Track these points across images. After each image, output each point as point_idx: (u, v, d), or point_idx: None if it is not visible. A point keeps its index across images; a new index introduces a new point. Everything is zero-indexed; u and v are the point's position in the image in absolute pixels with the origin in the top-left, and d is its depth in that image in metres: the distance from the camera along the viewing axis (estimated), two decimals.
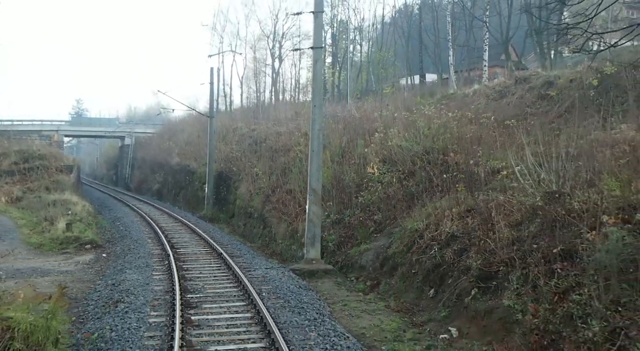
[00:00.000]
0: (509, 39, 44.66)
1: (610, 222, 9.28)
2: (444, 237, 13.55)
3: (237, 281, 13.89)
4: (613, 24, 29.13)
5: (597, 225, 9.52)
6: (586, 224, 9.87)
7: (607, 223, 9.34)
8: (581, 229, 9.87)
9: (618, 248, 8.90)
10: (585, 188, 10.95)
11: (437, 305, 12.27)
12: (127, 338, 9.52)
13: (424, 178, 17.56)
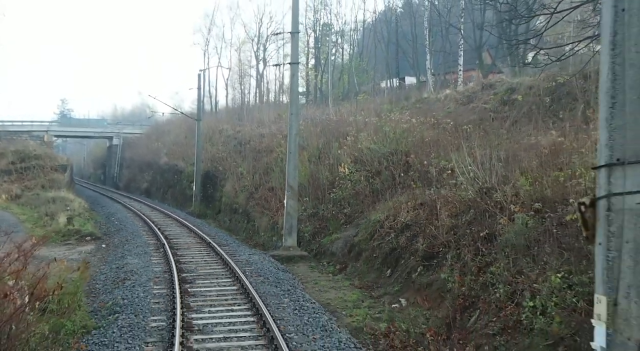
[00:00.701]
0: (482, 45, 47.35)
1: (517, 210, 11.84)
2: (399, 226, 16.07)
3: (225, 264, 16.33)
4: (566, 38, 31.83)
5: (508, 213, 12.08)
6: (503, 213, 12.43)
7: (515, 211, 11.90)
8: (499, 217, 12.42)
9: (523, 231, 11.45)
10: (507, 184, 13.51)
11: (392, 282, 14.79)
12: (137, 303, 11.92)
13: (388, 176, 20.07)
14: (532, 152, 14.85)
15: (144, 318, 10.75)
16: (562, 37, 29.91)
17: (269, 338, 9.42)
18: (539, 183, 12.47)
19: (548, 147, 15.23)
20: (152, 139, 54.88)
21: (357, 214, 19.69)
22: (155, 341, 9.56)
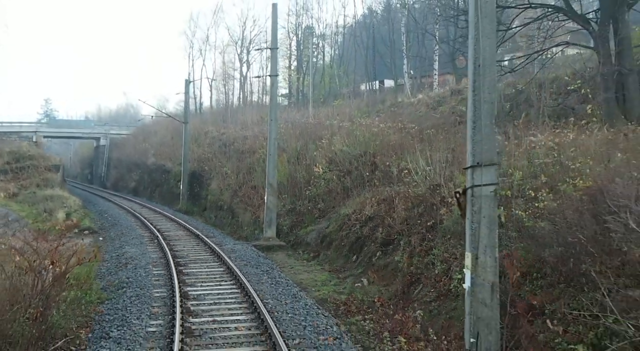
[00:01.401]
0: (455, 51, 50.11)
1: (453, 203, 14.44)
2: (364, 218, 18.64)
3: (212, 251, 18.79)
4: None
5: (448, 205, 14.69)
6: (445, 205, 15.03)
7: (453, 204, 14.49)
8: (442, 209, 15.02)
9: (457, 219, 14.03)
10: (451, 182, 16.12)
11: (356, 265, 17.35)
12: (140, 281, 14.35)
13: (357, 176, 22.62)
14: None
15: (148, 291, 13.20)
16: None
17: (250, 302, 11.92)
18: None
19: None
20: (140, 140, 56.92)
21: (330, 209, 22.23)
22: (159, 305, 12.01)
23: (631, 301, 7.78)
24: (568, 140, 15.68)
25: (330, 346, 9.44)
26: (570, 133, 16.34)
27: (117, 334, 10.05)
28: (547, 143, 15.95)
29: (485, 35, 7.37)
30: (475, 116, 7.47)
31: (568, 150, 14.27)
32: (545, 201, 11.45)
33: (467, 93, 7.69)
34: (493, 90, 7.54)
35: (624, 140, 14.29)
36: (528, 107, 26.51)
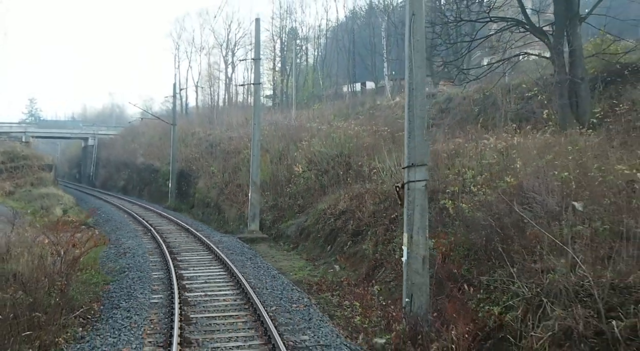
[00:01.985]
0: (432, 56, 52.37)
1: None
2: (337, 212, 20.83)
3: (202, 242, 20.91)
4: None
5: None
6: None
7: None
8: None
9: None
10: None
11: (330, 254, 19.52)
12: (140, 266, 16.44)
13: (333, 175, 24.82)
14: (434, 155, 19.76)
15: (147, 273, 15.31)
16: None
17: (235, 281, 14.09)
18: (431, 178, 17.33)
19: (448, 151, 20.16)
20: (128, 140, 58.73)
21: (308, 205, 24.41)
22: (158, 284, 14.13)
23: (532, 271, 10.04)
24: (514, 142, 18.02)
25: (301, 311, 11.64)
26: (516, 137, 18.72)
27: (125, 305, 12.16)
28: (496, 145, 18.32)
29: (417, 66, 9.61)
30: (410, 128, 9.69)
31: (511, 152, 16.59)
32: (483, 195, 13.73)
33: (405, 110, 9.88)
34: (424, 108, 9.77)
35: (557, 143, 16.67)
36: (495, 110, 28.90)
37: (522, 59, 28.60)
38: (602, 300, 8.38)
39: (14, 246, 12.56)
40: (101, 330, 10.52)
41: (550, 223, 10.59)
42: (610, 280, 8.68)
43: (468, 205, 13.87)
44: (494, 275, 10.69)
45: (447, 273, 10.86)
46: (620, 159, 13.52)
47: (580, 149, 15.54)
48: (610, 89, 23.52)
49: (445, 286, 10.64)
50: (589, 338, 8.20)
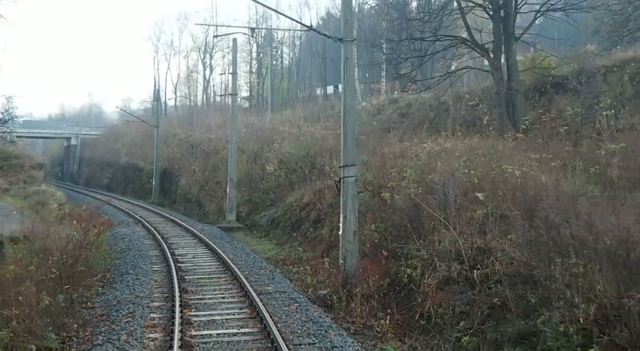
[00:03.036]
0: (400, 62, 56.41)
1: (361, 191, 20.59)
2: (302, 204, 24.71)
3: (187, 230, 24.65)
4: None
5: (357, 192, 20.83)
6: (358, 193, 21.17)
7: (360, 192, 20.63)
8: None
9: (364, 202, 20.21)
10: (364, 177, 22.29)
11: (295, 239, 23.39)
12: (138, 247, 20.14)
13: (300, 173, 28.66)
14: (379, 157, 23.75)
15: (145, 252, 19.05)
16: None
17: (217, 256, 17.90)
18: (378, 176, 21.32)
19: (394, 153, 24.13)
20: (111, 140, 61.87)
21: (278, 199, 28.24)
22: (156, 259, 17.88)
23: (431, 241, 14.00)
24: (446, 146, 22.01)
25: (267, 274, 15.51)
26: (448, 142, 22.76)
27: (133, 272, 15.88)
28: (432, 148, 22.33)
29: (349, 95, 13.52)
30: (344, 139, 13.60)
31: (441, 154, 20.60)
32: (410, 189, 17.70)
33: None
34: (354, 124, 13.67)
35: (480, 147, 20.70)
36: (447, 116, 33.06)
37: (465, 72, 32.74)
38: (469, 258, 12.40)
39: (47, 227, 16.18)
40: (118, 287, 14.26)
41: (447, 208, 14.60)
42: (477, 245, 12.71)
43: (400, 196, 17.82)
44: (407, 246, 14.68)
45: (375, 244, 14.81)
46: (518, 160, 17.59)
47: (496, 152, 19.67)
48: (543, 99, 27.78)
49: (373, 253, 14.60)
50: (459, 282, 12.19)
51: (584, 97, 26.00)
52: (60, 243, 15.02)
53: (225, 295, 13.10)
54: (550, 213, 11.01)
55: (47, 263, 13.25)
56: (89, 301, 13.17)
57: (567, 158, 16.97)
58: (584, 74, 26.99)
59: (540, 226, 11.12)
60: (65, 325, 11.16)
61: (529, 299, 10.51)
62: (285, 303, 12.35)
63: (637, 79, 25.04)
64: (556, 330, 9.38)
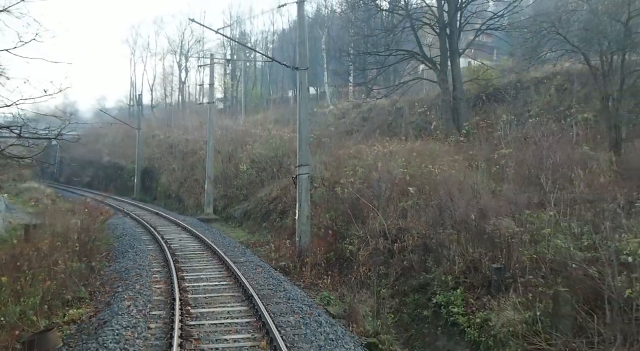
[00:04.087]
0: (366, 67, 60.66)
1: (318, 186, 24.76)
2: (271, 199, 28.79)
3: (171, 221, 28.54)
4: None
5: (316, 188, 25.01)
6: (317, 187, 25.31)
7: (317, 187, 24.80)
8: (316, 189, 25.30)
9: (321, 195, 24.37)
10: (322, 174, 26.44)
11: (264, 228, 27.47)
12: (131, 233, 23.99)
13: (270, 171, 32.72)
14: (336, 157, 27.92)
15: (139, 237, 22.93)
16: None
17: (199, 239, 21.88)
18: (334, 173, 25.48)
19: (349, 154, 28.31)
20: (91, 140, 64.85)
21: (250, 194, 32.26)
22: (149, 242, 21.78)
23: (367, 224, 18.19)
24: (391, 149, 26.20)
25: (240, 252, 19.57)
26: (392, 145, 26.97)
27: (132, 251, 19.77)
28: (380, 150, 26.49)
29: (302, 110, 17.64)
30: (299, 144, 17.71)
31: (387, 155, 24.78)
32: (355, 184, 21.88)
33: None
34: (307, 133, 17.79)
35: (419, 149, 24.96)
36: (403, 121, 37.42)
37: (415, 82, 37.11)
38: (391, 235, 16.63)
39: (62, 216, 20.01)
40: (122, 261, 18.18)
41: (379, 199, 18.82)
42: (399, 226, 16.95)
43: (347, 190, 21.99)
44: (350, 228, 18.88)
45: (326, 227, 18.98)
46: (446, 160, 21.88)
47: (432, 153, 23.95)
48: (485, 106, 32.24)
49: (325, 234, 18.78)
50: (383, 253, 16.41)
51: (515, 106, 30.51)
52: (75, 227, 18.91)
53: (207, 263, 17.13)
54: (443, 200, 15.34)
55: (67, 242, 17.16)
56: (102, 270, 17.09)
57: (478, 158, 21.36)
58: (520, 85, 31.47)
59: (436, 209, 15.45)
60: (89, 283, 15.11)
61: (427, 262, 14.79)
62: (253, 268, 16.42)
63: (561, 89, 29.64)
64: (440, 279, 13.67)
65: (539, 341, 10.07)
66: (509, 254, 12.34)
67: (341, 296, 14.41)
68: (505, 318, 11.04)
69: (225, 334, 10.12)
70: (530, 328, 10.48)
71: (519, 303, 11.10)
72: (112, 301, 12.66)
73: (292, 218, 25.03)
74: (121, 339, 9.58)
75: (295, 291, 14.04)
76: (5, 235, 20.06)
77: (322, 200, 23.31)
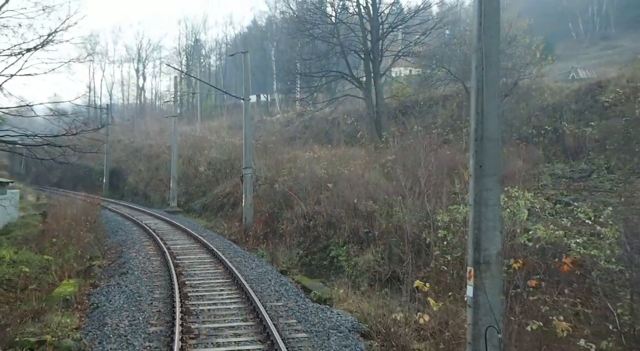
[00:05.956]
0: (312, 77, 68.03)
1: (262, 183, 32.12)
2: (224, 194, 36.01)
3: (143, 212, 35.43)
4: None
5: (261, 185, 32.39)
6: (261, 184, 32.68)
7: (261, 184, 32.13)
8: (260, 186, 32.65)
9: (265, 190, 31.72)
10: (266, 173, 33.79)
11: (219, 217, 34.65)
12: (114, 220, 30.83)
13: (223, 172, 39.87)
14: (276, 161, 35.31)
15: (122, 222, 29.83)
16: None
17: (171, 223, 28.97)
18: (274, 174, 32.85)
19: (287, 158, 35.72)
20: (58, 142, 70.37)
21: (208, 191, 39.38)
22: (131, 225, 28.68)
23: (295, 210, 25.65)
24: (319, 154, 33.72)
25: (202, 230, 26.73)
26: (320, 151, 34.50)
27: (121, 231, 26.66)
28: (311, 155, 33.96)
29: (246, 130, 24.98)
30: (245, 151, 25.06)
31: (315, 159, 32.28)
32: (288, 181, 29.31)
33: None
34: (250, 143, 25.09)
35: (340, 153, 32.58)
36: (337, 130, 45.08)
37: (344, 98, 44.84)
38: (309, 216, 24.17)
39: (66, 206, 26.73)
40: (116, 237, 25.08)
41: (303, 192, 26.32)
42: (315, 210, 24.49)
43: (282, 186, 29.41)
44: (282, 213, 26.31)
45: (265, 213, 26.41)
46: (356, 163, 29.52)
47: (349, 157, 31.55)
48: (403, 118, 40.13)
49: (264, 218, 26.19)
50: (302, 228, 23.94)
51: (425, 118, 38.49)
52: (80, 212, 25.78)
53: (181, 236, 24.36)
54: (340, 190, 22.98)
55: (79, 222, 24.06)
56: (104, 241, 24.09)
57: (377, 161, 29.11)
58: (432, 101, 39.48)
59: (337, 198, 23.10)
60: (99, 249, 22.12)
61: (329, 232, 22.37)
62: (212, 238, 23.73)
63: (461, 105, 37.70)
64: (335, 242, 21.23)
65: (379, 269, 17.75)
66: (372, 223, 20.02)
67: (272, 253, 21.85)
68: (366, 259, 18.70)
69: (198, 265, 17.45)
70: (376, 262, 18.15)
71: (375, 251, 18.77)
72: (122, 255, 19.77)
73: (241, 208, 32.29)
74: (139, 266, 16.81)
75: (242, 250, 21.43)
76: (25, 220, 26.71)
77: (264, 194, 30.59)
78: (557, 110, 33.28)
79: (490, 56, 7.58)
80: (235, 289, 14.11)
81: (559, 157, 28.93)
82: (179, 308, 11.53)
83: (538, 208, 18.19)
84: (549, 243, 14.67)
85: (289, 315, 11.86)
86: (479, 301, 7.64)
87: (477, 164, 7.72)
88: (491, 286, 7.63)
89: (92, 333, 10.59)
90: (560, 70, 54.05)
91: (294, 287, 15.05)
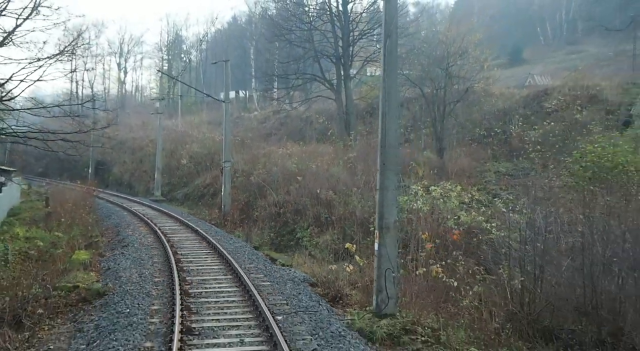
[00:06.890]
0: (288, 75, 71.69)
1: (239, 176, 35.90)
2: (205, 185, 39.70)
3: (130, 200, 38.98)
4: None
5: (239, 176, 36.19)
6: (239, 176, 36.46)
7: (238, 176, 35.91)
8: (238, 178, 36.44)
9: (241, 182, 35.51)
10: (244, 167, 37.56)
11: (200, 206, 38.36)
12: (105, 206, 34.37)
13: (203, 165, 43.51)
14: (252, 155, 39.07)
15: (113, 208, 33.40)
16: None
17: (158, 210, 32.61)
18: (250, 167, 36.65)
19: (262, 153, 39.51)
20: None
21: (189, 182, 43.02)
22: (123, 211, 32.27)
23: (268, 198, 29.53)
24: (292, 150, 37.59)
25: (186, 216, 30.44)
26: (293, 147, 38.38)
27: (115, 215, 30.22)
28: (284, 151, 37.80)
29: (227, 125, 28.75)
30: (224, 147, 28.85)
31: (287, 155, 36.15)
32: (263, 174, 33.16)
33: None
34: (229, 140, 28.84)
35: (311, 150, 36.50)
36: (310, 128, 48.96)
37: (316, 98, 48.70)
38: (279, 204, 28.10)
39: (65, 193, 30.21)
40: (110, 220, 28.67)
41: (275, 184, 30.17)
42: (285, 199, 28.41)
43: (257, 178, 33.24)
44: (256, 201, 30.15)
45: (242, 201, 30.25)
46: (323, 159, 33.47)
47: (318, 153, 35.45)
48: (371, 118, 44.09)
49: (241, 205, 30.02)
50: (273, 214, 27.88)
51: None
52: (79, 198, 29.33)
53: (168, 219, 28.07)
54: (307, 182, 26.94)
55: (79, 206, 27.63)
56: (101, 223, 27.69)
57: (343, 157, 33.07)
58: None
59: (304, 188, 27.04)
60: (98, 229, 25.74)
61: (296, 217, 26.28)
62: (196, 222, 27.51)
63: (423, 108, 41.71)
64: (300, 225, 25.14)
65: (334, 246, 21.73)
66: (332, 210, 23.98)
67: (247, 234, 25.71)
68: (324, 239, 22.67)
69: (186, 241, 21.25)
70: (332, 241, 22.12)
71: (332, 232, 22.75)
72: (119, 234, 23.45)
73: (220, 197, 36.01)
74: (137, 241, 20.57)
75: (221, 231, 25.27)
76: (28, 205, 30.15)
77: (241, 185, 34.39)
78: (507, 114, 37.75)
79: (391, 92, 11.58)
80: (217, 257, 17.95)
81: (506, 156, 33.29)
82: (175, 266, 15.35)
83: (467, 200, 22.34)
84: (472, 226, 18.80)
85: (258, 272, 15.77)
86: (382, 253, 11.64)
87: (382, 162, 11.72)
88: (390, 243, 11.64)
89: (112, 282, 14.37)
90: (524, 74, 58.67)
91: (263, 257, 18.93)
